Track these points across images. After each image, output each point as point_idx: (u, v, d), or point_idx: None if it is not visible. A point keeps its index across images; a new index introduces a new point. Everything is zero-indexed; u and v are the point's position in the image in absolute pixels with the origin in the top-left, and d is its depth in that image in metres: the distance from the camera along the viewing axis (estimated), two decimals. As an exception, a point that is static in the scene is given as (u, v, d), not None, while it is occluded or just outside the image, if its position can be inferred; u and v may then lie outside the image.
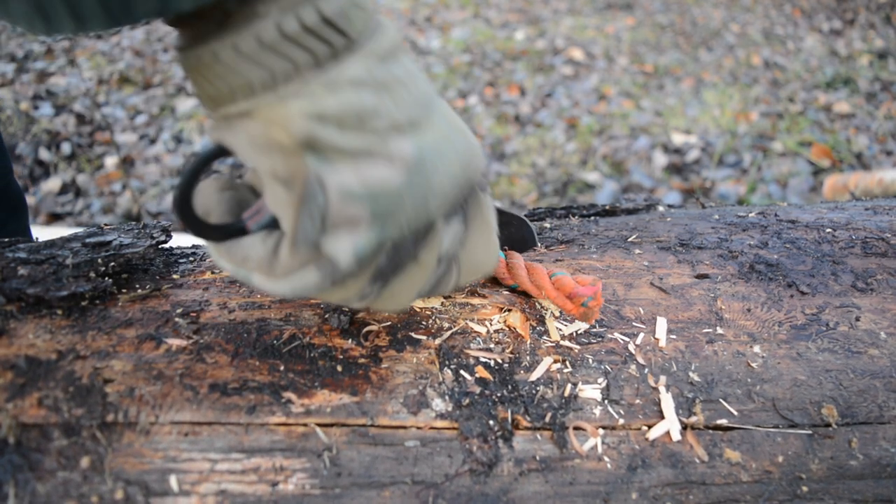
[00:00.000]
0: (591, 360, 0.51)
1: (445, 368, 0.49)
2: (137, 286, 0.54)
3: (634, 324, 0.55)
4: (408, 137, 0.36)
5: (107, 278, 0.53)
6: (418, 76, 0.37)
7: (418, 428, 0.46)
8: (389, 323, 0.53)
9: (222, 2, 0.31)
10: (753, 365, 0.52)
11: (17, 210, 0.95)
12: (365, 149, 0.34)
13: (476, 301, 0.56)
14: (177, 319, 0.51)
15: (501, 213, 0.57)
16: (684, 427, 0.48)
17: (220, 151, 0.36)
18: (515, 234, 0.60)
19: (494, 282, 0.59)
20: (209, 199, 0.39)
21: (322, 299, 0.40)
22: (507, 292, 0.57)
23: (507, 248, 0.59)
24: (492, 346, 0.52)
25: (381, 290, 0.41)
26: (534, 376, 0.50)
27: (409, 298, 0.43)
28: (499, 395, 0.48)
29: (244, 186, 0.42)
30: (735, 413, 0.49)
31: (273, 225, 0.39)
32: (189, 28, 0.34)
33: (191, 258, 0.61)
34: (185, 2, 0.29)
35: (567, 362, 0.51)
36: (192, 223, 0.37)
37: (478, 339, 0.52)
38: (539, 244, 0.65)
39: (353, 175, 0.34)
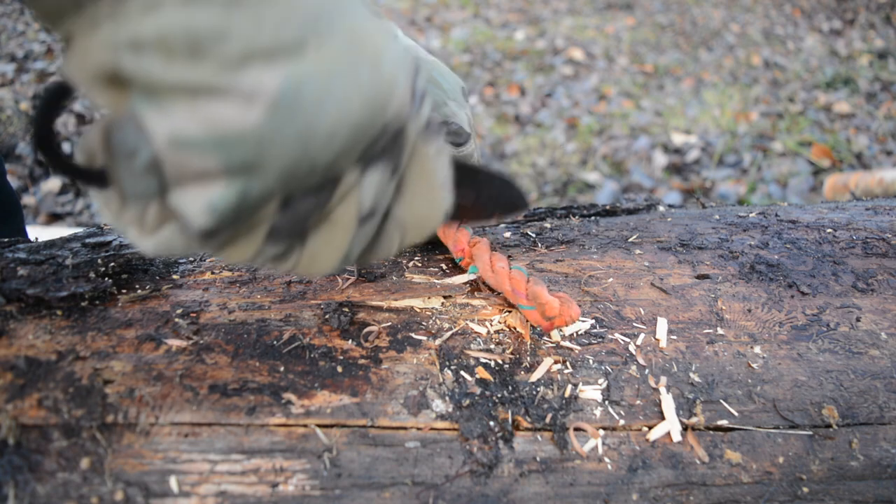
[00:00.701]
0: (591, 361, 0.51)
1: (446, 369, 0.49)
2: (137, 286, 0.54)
3: (635, 324, 0.55)
4: (274, 66, 0.28)
5: (107, 278, 0.53)
6: None
7: (418, 429, 0.46)
8: (390, 323, 0.53)
9: None
10: (754, 366, 0.52)
11: (11, 214, 0.95)
12: (204, 84, 0.27)
13: (476, 301, 0.56)
14: (177, 320, 0.51)
15: (478, 171, 0.51)
16: (685, 428, 0.48)
17: (61, 88, 0.30)
18: (499, 195, 0.52)
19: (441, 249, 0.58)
20: (94, 141, 0.32)
21: (225, 260, 0.36)
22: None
23: (497, 212, 0.54)
24: (492, 346, 0.52)
25: (297, 251, 0.36)
26: (534, 377, 0.50)
27: (332, 261, 0.37)
28: (499, 395, 0.48)
29: None
30: (736, 414, 0.49)
31: None
32: None
33: (191, 258, 0.61)
34: None
35: (567, 363, 0.51)
36: (59, 166, 0.31)
37: (478, 339, 0.52)
38: (529, 207, 0.58)
39: (190, 118, 0.28)
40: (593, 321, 0.55)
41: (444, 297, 0.56)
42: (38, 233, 1.51)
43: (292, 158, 0.30)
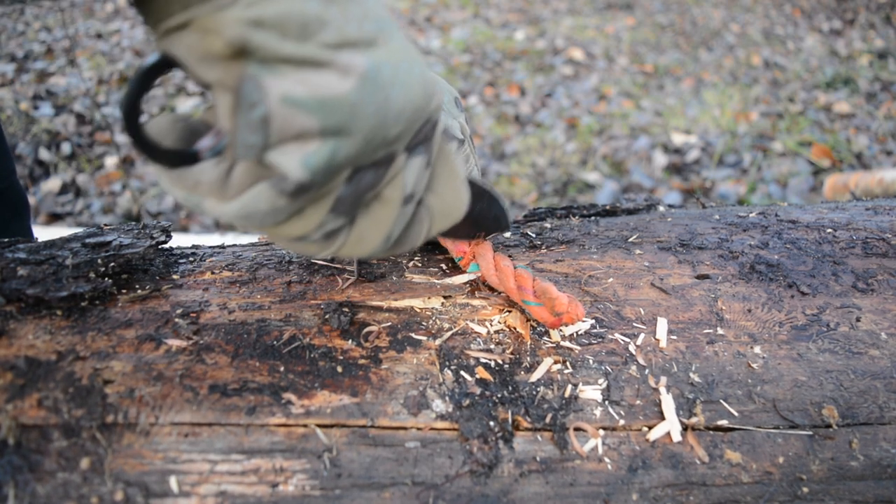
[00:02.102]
0: (591, 361, 0.51)
1: (446, 369, 0.49)
2: (137, 286, 0.54)
3: (635, 324, 0.55)
4: (361, 52, 0.34)
5: (107, 279, 0.53)
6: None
7: (418, 429, 0.46)
8: (390, 323, 0.53)
9: None
10: (754, 366, 0.52)
11: (20, 211, 0.96)
12: (311, 57, 0.33)
13: (476, 302, 0.56)
14: (177, 320, 0.51)
15: (474, 184, 0.53)
16: (685, 428, 0.48)
17: (165, 62, 0.34)
18: (486, 211, 0.55)
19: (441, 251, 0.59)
20: (162, 129, 0.37)
21: (281, 235, 0.39)
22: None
23: (481, 230, 0.57)
24: (492, 346, 0.52)
25: (348, 229, 0.40)
26: (534, 377, 0.50)
27: (377, 241, 0.42)
28: (499, 395, 0.48)
29: (199, 122, 0.40)
30: (736, 414, 0.49)
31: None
32: None
33: (191, 258, 0.61)
34: None
35: (567, 363, 0.51)
36: (142, 144, 0.35)
37: (478, 339, 0.52)
38: (511, 229, 0.60)
39: (299, 83, 0.33)
40: (593, 321, 0.55)
41: (444, 297, 0.56)
42: (38, 233, 1.51)
43: (371, 127, 0.35)
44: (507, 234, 0.69)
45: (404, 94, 0.36)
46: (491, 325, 0.54)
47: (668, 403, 0.49)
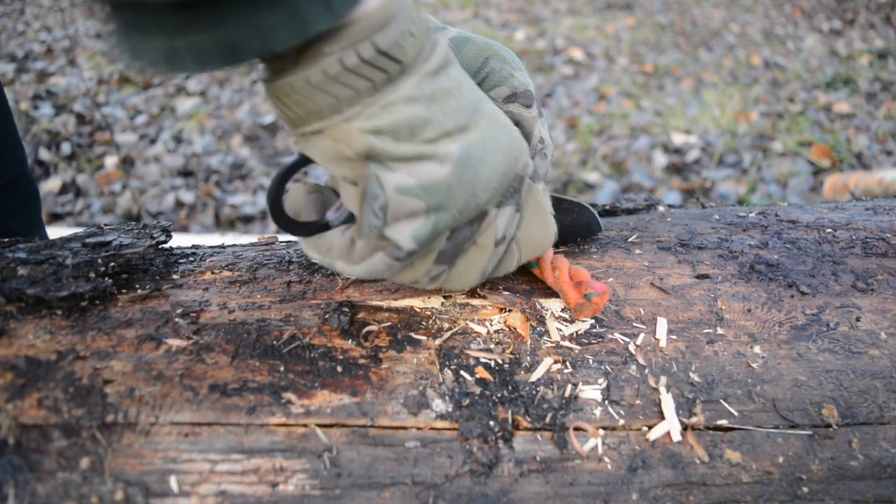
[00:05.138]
0: (591, 361, 0.51)
1: (446, 369, 0.49)
2: (137, 286, 0.54)
3: (635, 324, 0.55)
4: (455, 139, 0.42)
5: (107, 278, 0.53)
6: (465, 83, 0.44)
7: (418, 429, 0.46)
8: (390, 323, 0.53)
9: (300, 43, 0.36)
10: (754, 365, 0.52)
11: (30, 201, 0.96)
12: (417, 153, 0.41)
13: (476, 301, 0.56)
14: (177, 320, 0.51)
15: (564, 201, 0.63)
16: (685, 428, 0.48)
17: (303, 161, 0.43)
18: (579, 219, 0.64)
19: None
20: (298, 201, 0.47)
21: (397, 281, 0.48)
22: (506, 293, 0.57)
23: (578, 236, 0.65)
24: (492, 346, 0.52)
25: (448, 270, 0.47)
26: (534, 377, 0.50)
27: (474, 277, 0.49)
28: (499, 395, 0.48)
29: (327, 189, 0.49)
30: (735, 414, 0.49)
31: (350, 220, 0.47)
32: (272, 63, 0.40)
33: (191, 258, 0.61)
34: (279, 43, 0.35)
35: (567, 363, 0.51)
36: (284, 222, 0.44)
37: (478, 339, 0.52)
38: (603, 228, 0.68)
39: (408, 175, 0.41)
40: (593, 321, 0.55)
41: (444, 297, 0.56)
42: (38, 233, 1.51)
43: (465, 199, 0.43)
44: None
45: (491, 167, 0.44)
46: (491, 324, 0.54)
47: (667, 403, 0.49)
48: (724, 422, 0.49)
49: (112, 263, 0.55)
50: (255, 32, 0.34)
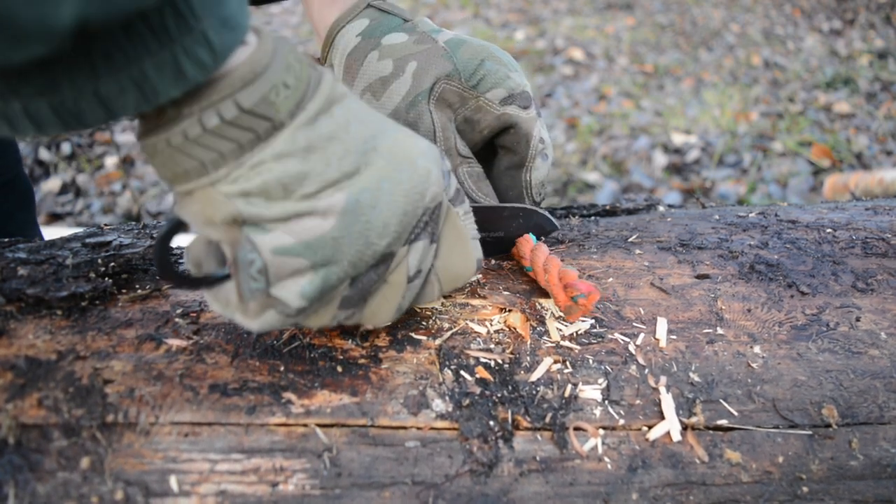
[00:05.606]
0: (591, 361, 0.51)
1: (445, 369, 0.49)
2: (137, 286, 0.54)
3: (635, 324, 0.55)
4: (342, 188, 0.39)
5: (107, 278, 0.53)
6: (356, 121, 0.40)
7: (418, 428, 0.46)
8: (390, 323, 0.53)
9: (160, 105, 0.33)
10: (754, 365, 0.52)
11: (26, 202, 0.96)
12: (294, 212, 0.38)
13: (476, 301, 0.56)
14: (177, 320, 0.51)
15: (505, 209, 0.60)
16: (684, 427, 0.48)
17: (179, 224, 0.40)
18: (526, 224, 0.61)
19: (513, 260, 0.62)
20: (199, 251, 0.43)
21: (307, 326, 0.44)
22: (506, 293, 0.57)
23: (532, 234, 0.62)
24: (492, 346, 0.52)
25: (360, 310, 0.45)
26: (534, 377, 0.50)
27: (389, 313, 0.46)
28: (499, 395, 0.48)
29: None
30: (735, 413, 0.49)
31: None
32: (144, 120, 0.37)
33: (191, 258, 0.61)
34: (125, 111, 0.32)
35: (567, 363, 0.51)
36: (177, 281, 0.41)
37: (478, 339, 0.52)
38: (559, 227, 0.65)
39: (286, 234, 0.38)
40: (593, 321, 0.55)
41: (444, 297, 0.56)
42: (39, 233, 1.51)
43: (358, 248, 0.40)
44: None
45: (387, 211, 0.40)
46: (491, 324, 0.54)
47: (667, 403, 0.49)
48: (724, 422, 0.49)
49: (112, 263, 0.55)
50: (95, 100, 0.31)
